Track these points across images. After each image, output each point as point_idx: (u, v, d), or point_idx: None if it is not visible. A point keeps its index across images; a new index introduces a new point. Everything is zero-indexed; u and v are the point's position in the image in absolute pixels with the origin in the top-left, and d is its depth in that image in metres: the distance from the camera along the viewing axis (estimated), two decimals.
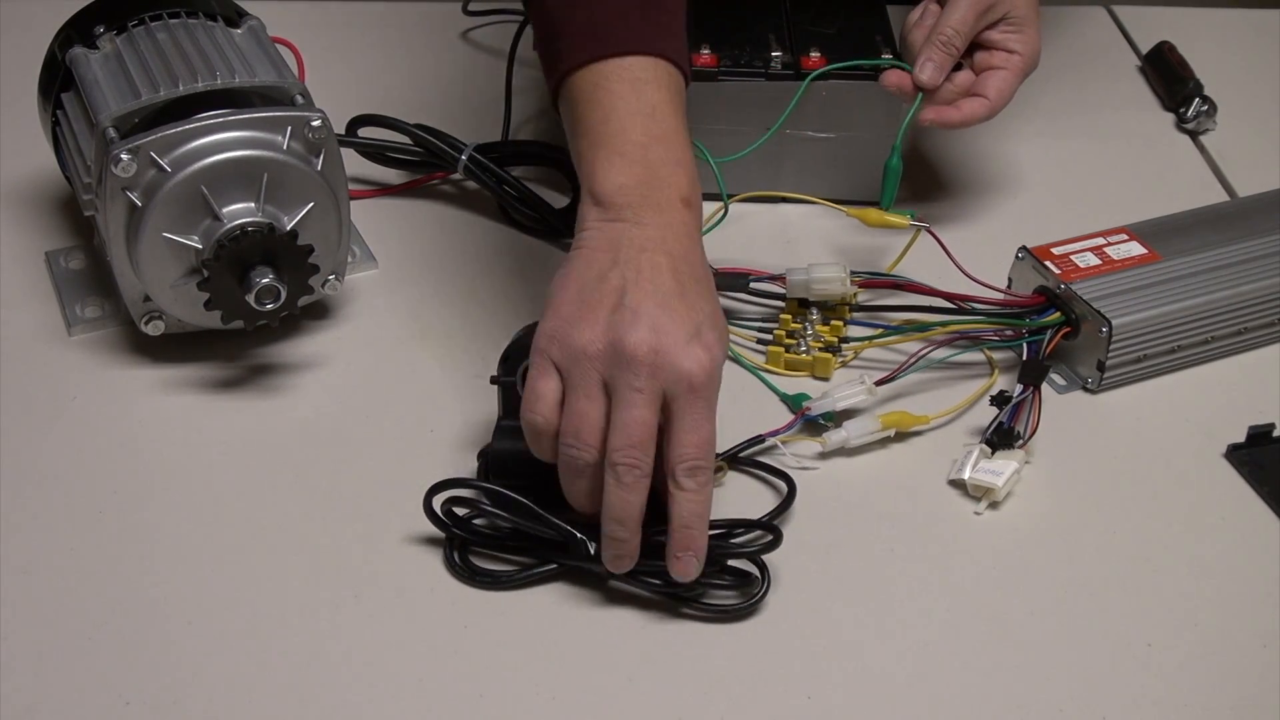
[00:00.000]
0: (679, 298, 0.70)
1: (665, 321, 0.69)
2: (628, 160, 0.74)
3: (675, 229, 0.73)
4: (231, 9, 0.91)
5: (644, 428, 0.69)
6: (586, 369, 0.70)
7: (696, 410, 0.70)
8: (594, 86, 0.75)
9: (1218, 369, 0.90)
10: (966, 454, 0.80)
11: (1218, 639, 0.73)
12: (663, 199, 0.73)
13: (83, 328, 0.89)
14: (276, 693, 0.68)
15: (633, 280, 0.70)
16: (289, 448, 0.82)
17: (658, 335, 0.69)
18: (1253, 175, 1.07)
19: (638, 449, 0.69)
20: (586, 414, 0.70)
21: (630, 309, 0.69)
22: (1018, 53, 0.94)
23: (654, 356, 0.69)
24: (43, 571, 0.74)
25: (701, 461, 0.70)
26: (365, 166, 1.03)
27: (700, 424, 0.70)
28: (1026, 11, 0.94)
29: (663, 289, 0.70)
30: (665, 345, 0.69)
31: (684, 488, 0.70)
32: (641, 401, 0.69)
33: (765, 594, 0.73)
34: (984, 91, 0.94)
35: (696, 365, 0.69)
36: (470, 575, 0.74)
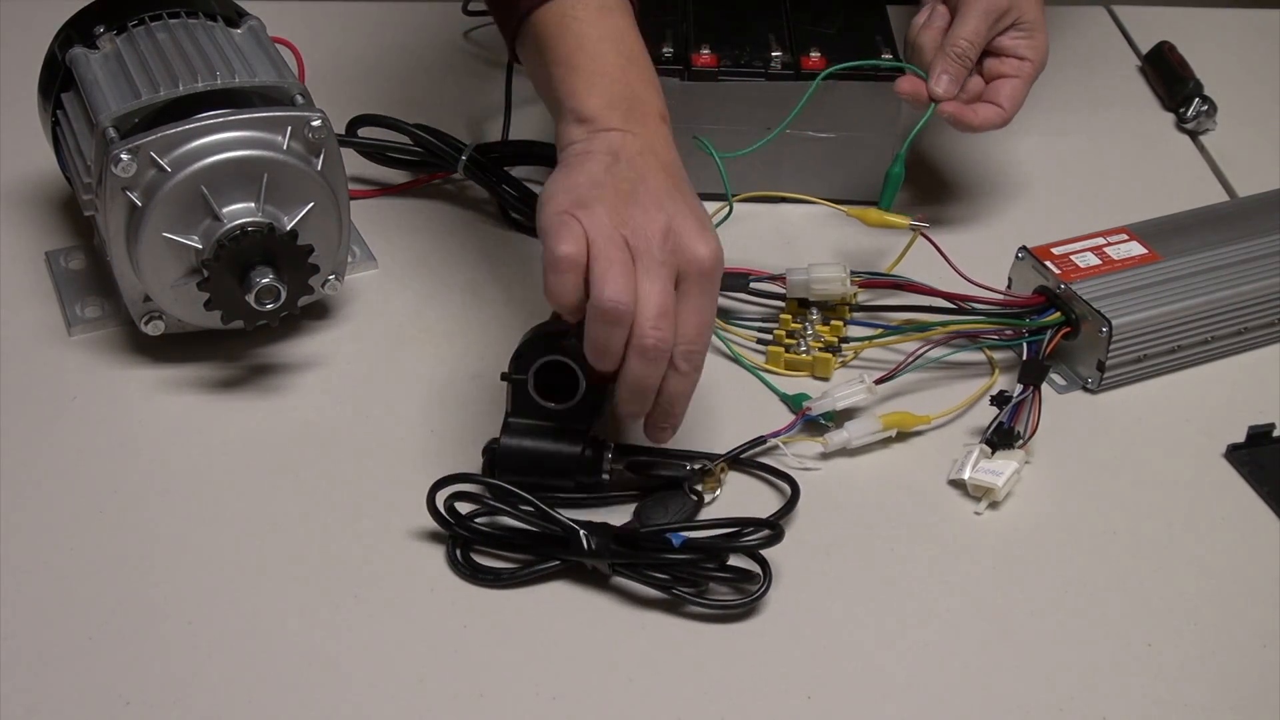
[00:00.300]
0: (679, 194, 0.75)
1: (675, 209, 0.73)
2: (609, 80, 0.77)
3: (661, 139, 0.77)
4: (231, 9, 0.91)
5: (668, 300, 0.72)
6: (613, 231, 0.72)
7: (704, 293, 0.73)
8: (559, 18, 0.79)
9: (1218, 369, 0.90)
10: (966, 454, 0.80)
11: (1218, 639, 0.73)
12: (643, 114, 0.77)
13: (83, 328, 0.89)
14: (277, 692, 0.68)
15: (639, 178, 0.74)
16: (289, 448, 0.82)
17: (672, 219, 0.73)
18: (1253, 175, 1.08)
19: (665, 319, 0.71)
20: (620, 261, 0.71)
21: (644, 194, 0.73)
22: (1028, 59, 0.94)
23: (672, 236, 0.72)
24: (43, 571, 0.74)
25: (696, 346, 0.73)
26: (365, 166, 1.03)
27: (704, 307, 0.73)
28: (1035, 16, 0.94)
29: (665, 185, 0.74)
30: (680, 227, 0.73)
31: (678, 369, 0.73)
32: (664, 275, 0.72)
33: (766, 591, 0.73)
34: (998, 99, 0.94)
35: (708, 249, 0.73)
36: (472, 573, 0.74)
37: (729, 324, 0.91)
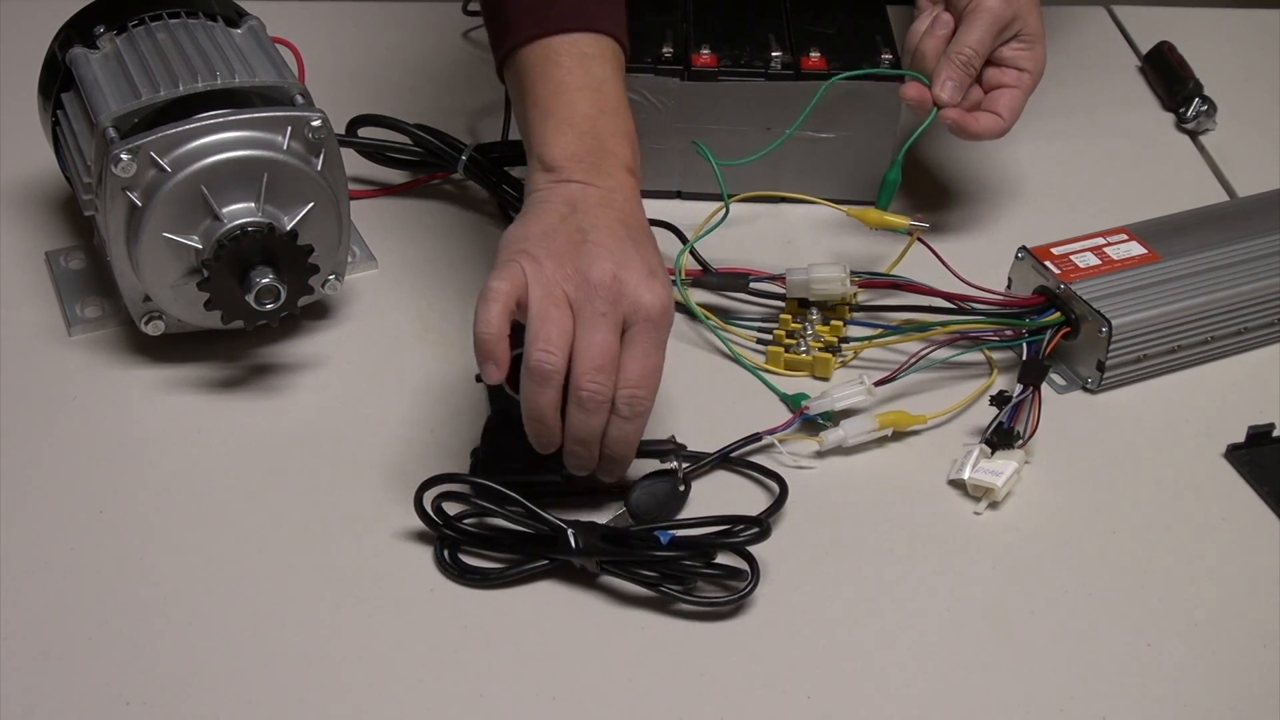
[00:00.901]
0: (633, 245, 0.75)
1: (625, 258, 0.73)
2: (578, 131, 0.78)
3: (623, 192, 0.77)
4: (231, 9, 0.91)
5: (607, 351, 0.72)
6: (553, 283, 0.72)
7: (648, 340, 0.73)
8: (543, 60, 0.80)
9: (1218, 369, 0.90)
10: (966, 454, 0.80)
11: (1218, 639, 0.73)
12: (610, 166, 0.78)
13: (83, 328, 0.89)
14: (276, 692, 0.69)
15: (591, 226, 0.75)
16: (289, 448, 0.82)
17: (620, 268, 0.73)
18: (1253, 175, 1.08)
19: (602, 373, 0.72)
20: (556, 319, 0.72)
21: (595, 245, 0.73)
22: (1027, 70, 0.95)
23: (617, 285, 0.72)
24: (43, 571, 0.74)
25: (640, 392, 0.73)
26: (365, 166, 1.03)
27: (647, 354, 0.73)
28: (1037, 28, 0.94)
29: (619, 236, 0.75)
30: (626, 277, 0.73)
31: (620, 414, 0.73)
32: (605, 326, 0.72)
33: (754, 588, 0.73)
34: (997, 109, 0.94)
35: (655, 298, 0.73)
36: (460, 573, 0.74)
37: (729, 324, 0.91)
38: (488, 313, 0.71)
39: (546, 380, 0.71)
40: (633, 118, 0.81)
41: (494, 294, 0.72)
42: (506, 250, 0.74)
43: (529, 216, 0.76)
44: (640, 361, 0.73)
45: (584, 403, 0.72)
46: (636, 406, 0.73)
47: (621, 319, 0.73)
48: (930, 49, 0.94)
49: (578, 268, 0.73)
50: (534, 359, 0.71)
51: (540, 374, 0.71)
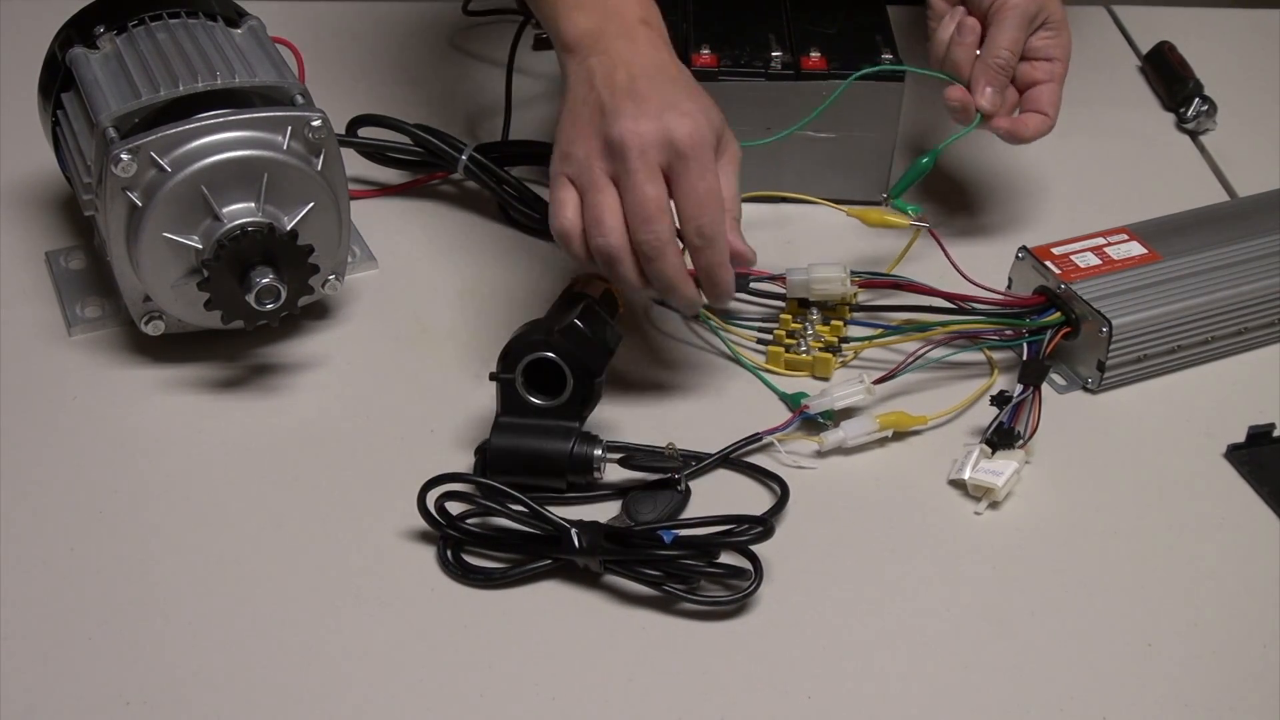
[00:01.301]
0: (651, 90, 0.78)
1: (641, 109, 0.77)
2: (585, 8, 0.82)
3: (638, 47, 0.80)
4: (231, 9, 0.91)
5: (651, 202, 0.76)
6: (591, 169, 0.78)
7: (690, 172, 0.77)
8: None
9: (1218, 369, 0.90)
10: (966, 454, 0.80)
11: (1218, 639, 0.73)
12: (622, 27, 0.81)
13: (83, 328, 0.89)
14: (277, 692, 0.69)
15: (608, 93, 0.78)
16: (289, 447, 0.82)
17: (636, 120, 0.77)
18: (1253, 175, 1.08)
19: (650, 222, 0.76)
20: (601, 203, 0.77)
21: (611, 111, 0.77)
22: (1057, 59, 0.94)
23: (637, 138, 0.76)
24: (43, 571, 0.74)
25: (702, 219, 0.77)
26: (365, 166, 1.03)
27: (695, 184, 0.77)
28: (1060, 13, 0.94)
29: (636, 90, 0.78)
30: (643, 126, 0.77)
31: (695, 246, 0.78)
32: (641, 179, 0.76)
33: (757, 587, 0.73)
34: (1040, 107, 0.94)
35: (677, 130, 0.76)
36: (463, 573, 0.74)
37: (729, 324, 0.91)
38: (572, 251, 0.79)
39: (614, 258, 0.77)
40: None
41: (564, 236, 0.79)
42: (553, 159, 0.80)
43: (562, 108, 0.81)
44: (690, 192, 0.77)
45: (647, 253, 0.77)
46: (706, 232, 0.77)
47: (656, 164, 0.77)
48: (963, 57, 0.93)
49: (602, 139, 0.77)
50: (595, 245, 0.77)
51: (606, 255, 0.77)
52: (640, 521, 0.76)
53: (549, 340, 0.77)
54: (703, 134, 0.77)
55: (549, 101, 1.13)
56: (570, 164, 0.79)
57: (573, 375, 0.77)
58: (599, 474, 0.78)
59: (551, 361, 0.77)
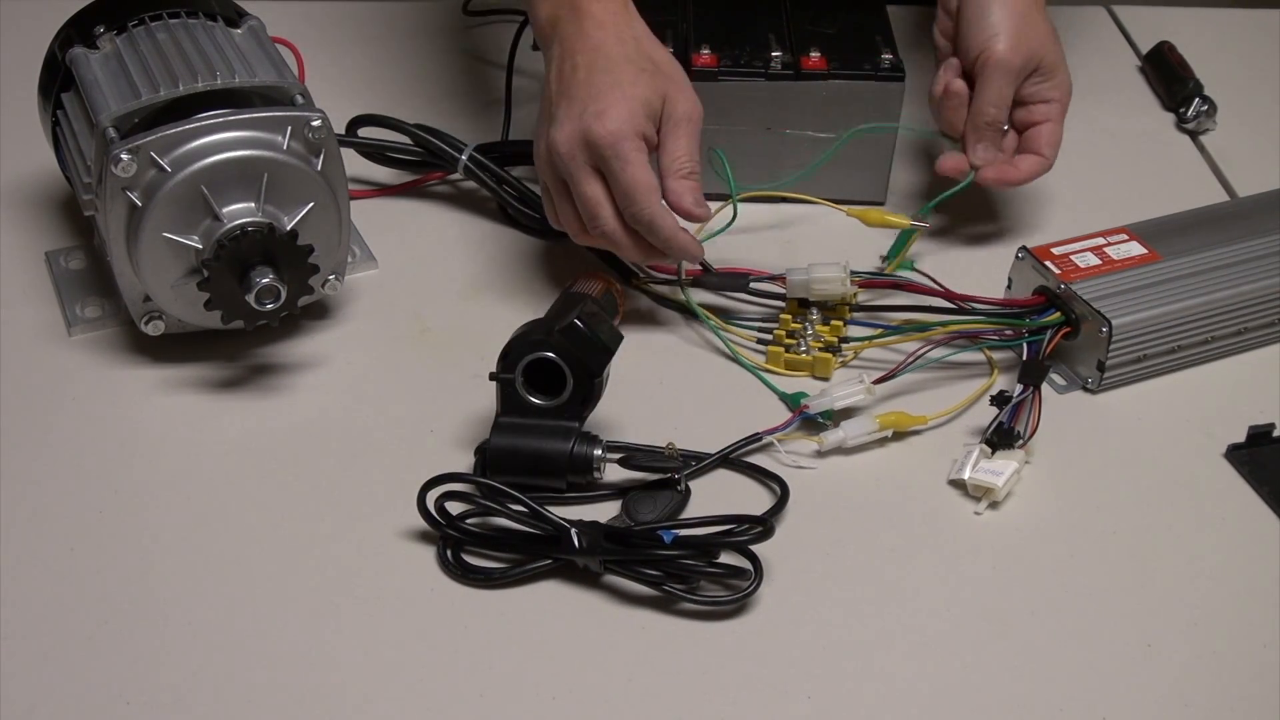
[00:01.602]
0: (583, 84, 0.82)
1: (570, 110, 0.82)
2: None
3: (585, 28, 0.84)
4: (231, 9, 0.91)
5: (588, 201, 0.83)
6: (547, 176, 0.86)
7: (611, 168, 0.82)
8: None
9: (1218, 369, 0.90)
10: (966, 454, 0.80)
11: (1218, 639, 0.73)
12: (572, 11, 0.85)
13: (83, 328, 0.89)
14: (276, 693, 0.69)
15: (555, 91, 0.84)
16: (289, 447, 0.82)
17: (561, 126, 0.82)
18: (1253, 175, 1.08)
19: (594, 220, 0.83)
20: (561, 209, 0.86)
21: (549, 115, 0.84)
22: (1055, 100, 0.95)
23: (563, 145, 0.82)
24: (43, 571, 0.74)
25: (634, 208, 0.82)
26: (365, 166, 1.03)
27: (618, 178, 0.81)
28: (1053, 58, 0.94)
29: (570, 86, 0.83)
30: (565, 132, 0.82)
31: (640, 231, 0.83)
32: (577, 181, 0.83)
33: (757, 587, 0.73)
34: (1037, 148, 0.95)
35: (593, 131, 0.81)
36: (463, 573, 0.74)
37: (729, 324, 0.91)
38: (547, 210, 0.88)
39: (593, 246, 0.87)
40: None
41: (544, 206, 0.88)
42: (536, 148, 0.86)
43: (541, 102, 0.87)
44: (615, 186, 0.82)
45: (609, 242, 0.84)
46: (641, 219, 0.82)
47: (586, 163, 0.82)
48: (954, 119, 0.95)
49: (547, 144, 0.83)
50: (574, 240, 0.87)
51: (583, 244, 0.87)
52: (640, 521, 0.76)
53: (549, 340, 0.77)
54: (618, 127, 0.81)
55: None
56: (538, 168, 0.86)
57: (573, 375, 0.77)
58: (599, 474, 0.78)
59: (551, 361, 0.77)
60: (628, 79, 0.83)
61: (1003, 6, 0.92)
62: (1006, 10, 0.91)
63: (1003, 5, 0.92)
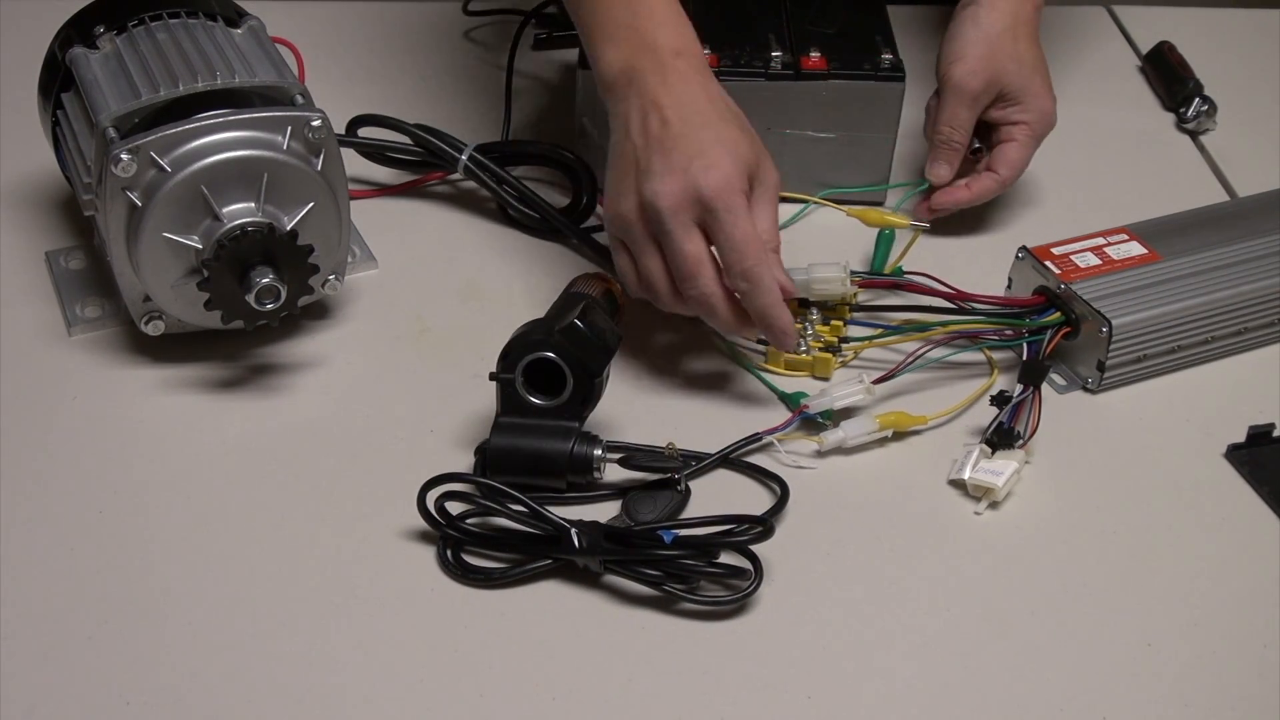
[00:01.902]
0: (679, 138, 0.79)
1: (669, 163, 0.79)
2: (618, 42, 0.83)
3: (671, 81, 0.81)
4: (231, 9, 0.91)
5: (688, 259, 0.79)
6: (634, 233, 0.81)
7: (722, 223, 0.78)
8: None
9: (1218, 369, 0.90)
10: (966, 454, 0.80)
11: (1218, 639, 0.73)
12: (654, 62, 0.82)
13: (83, 328, 0.89)
14: (276, 693, 0.69)
15: (641, 144, 0.80)
16: (289, 447, 0.82)
17: (664, 179, 0.78)
18: (1253, 175, 1.08)
19: (693, 279, 0.79)
20: (649, 269, 0.82)
21: (643, 168, 0.80)
22: (1023, 122, 0.97)
23: (668, 199, 0.78)
24: (43, 571, 0.74)
25: (746, 264, 0.78)
26: (365, 166, 1.03)
27: (730, 233, 0.78)
28: (1022, 82, 0.95)
29: (665, 139, 0.79)
30: (671, 185, 0.78)
31: (743, 291, 0.79)
32: (677, 239, 0.79)
33: (757, 587, 0.73)
34: (995, 167, 0.98)
35: (703, 184, 0.78)
36: (463, 573, 0.74)
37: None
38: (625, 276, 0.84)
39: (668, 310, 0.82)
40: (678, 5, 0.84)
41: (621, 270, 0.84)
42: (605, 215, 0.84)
43: (609, 150, 0.83)
44: (726, 241, 0.78)
45: (698, 307, 0.81)
46: (750, 276, 0.78)
47: (690, 220, 0.79)
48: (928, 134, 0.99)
49: (640, 200, 0.79)
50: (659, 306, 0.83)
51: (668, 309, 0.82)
52: (640, 521, 0.76)
53: (549, 340, 0.77)
54: (729, 181, 0.78)
55: (549, 101, 1.13)
56: (617, 228, 0.82)
57: (573, 375, 0.77)
58: (599, 474, 0.78)
59: (552, 361, 0.77)
60: (729, 136, 0.80)
61: (975, 31, 0.95)
62: (977, 36, 0.95)
63: (975, 30, 0.95)
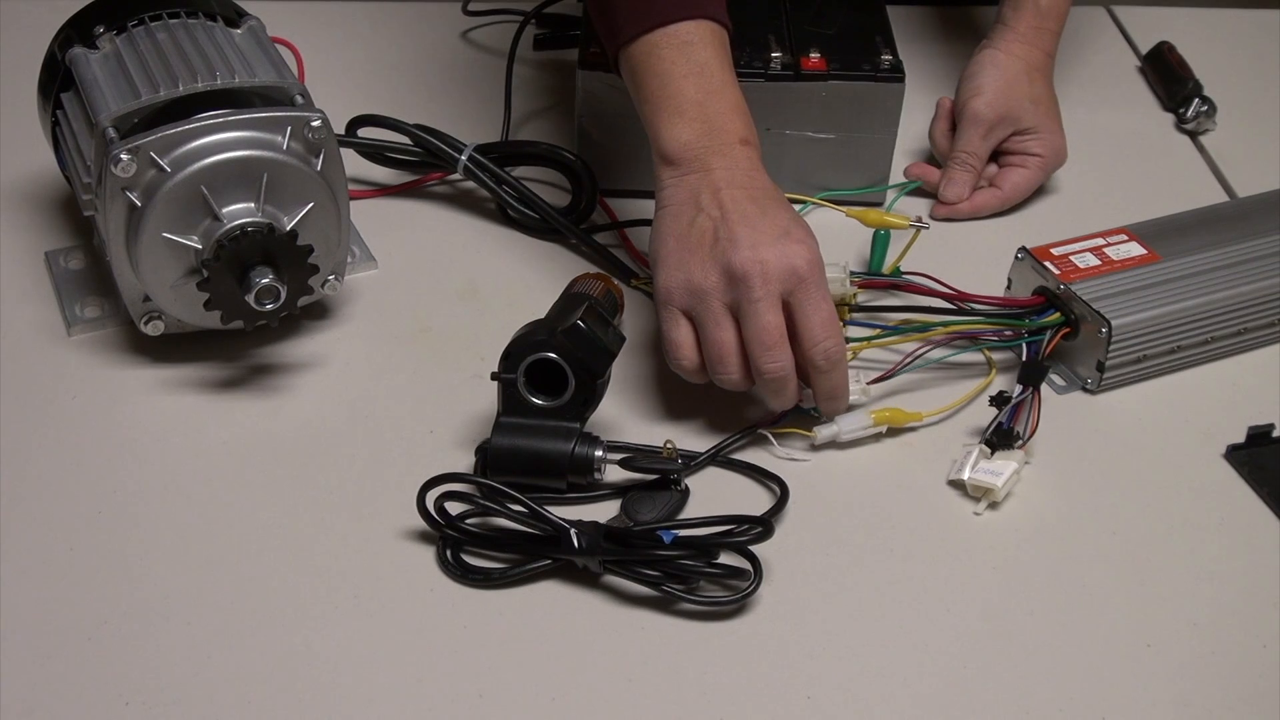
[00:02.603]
0: (761, 215, 0.79)
1: (758, 236, 0.78)
2: (687, 119, 0.82)
3: (740, 165, 0.82)
4: (231, 9, 0.91)
5: (773, 330, 0.78)
6: (710, 302, 0.79)
7: (810, 298, 0.78)
8: (647, 56, 0.83)
9: (1218, 369, 0.90)
10: (966, 454, 0.80)
11: (1218, 639, 0.73)
12: (723, 145, 0.82)
13: (83, 328, 0.89)
14: (276, 693, 0.69)
15: (719, 217, 0.79)
16: (289, 448, 0.82)
17: (756, 249, 0.78)
18: (1253, 175, 1.08)
19: (772, 351, 0.78)
20: (722, 341, 0.79)
21: (726, 239, 0.79)
22: (1037, 154, 1.03)
23: (760, 267, 0.77)
24: (43, 571, 0.74)
25: (827, 343, 0.79)
26: (365, 166, 1.03)
27: (818, 308, 0.79)
28: (1039, 119, 1.02)
29: (747, 214, 0.79)
30: (765, 255, 0.78)
31: (820, 369, 0.79)
32: (764, 309, 0.78)
33: (757, 587, 0.73)
34: (999, 184, 1.02)
35: (797, 258, 0.78)
36: (462, 573, 0.74)
37: None
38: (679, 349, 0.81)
39: (739, 386, 0.80)
40: (740, 91, 0.84)
41: (676, 343, 0.81)
42: (660, 281, 0.81)
43: (664, 225, 0.82)
44: (813, 319, 0.78)
45: (769, 383, 0.79)
46: (832, 357, 0.79)
47: (777, 294, 0.78)
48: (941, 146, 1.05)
49: (721, 269, 0.78)
50: (719, 380, 0.80)
51: (731, 385, 0.80)
52: (639, 521, 0.76)
53: (552, 341, 0.77)
54: (817, 259, 0.79)
55: (549, 101, 1.13)
56: (684, 297, 0.80)
57: (575, 376, 0.77)
58: (599, 475, 0.78)
59: (554, 362, 0.77)
60: (800, 217, 0.81)
61: (994, 70, 1.02)
62: (996, 74, 1.02)
63: (994, 70, 1.02)
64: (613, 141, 1.00)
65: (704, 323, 0.79)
